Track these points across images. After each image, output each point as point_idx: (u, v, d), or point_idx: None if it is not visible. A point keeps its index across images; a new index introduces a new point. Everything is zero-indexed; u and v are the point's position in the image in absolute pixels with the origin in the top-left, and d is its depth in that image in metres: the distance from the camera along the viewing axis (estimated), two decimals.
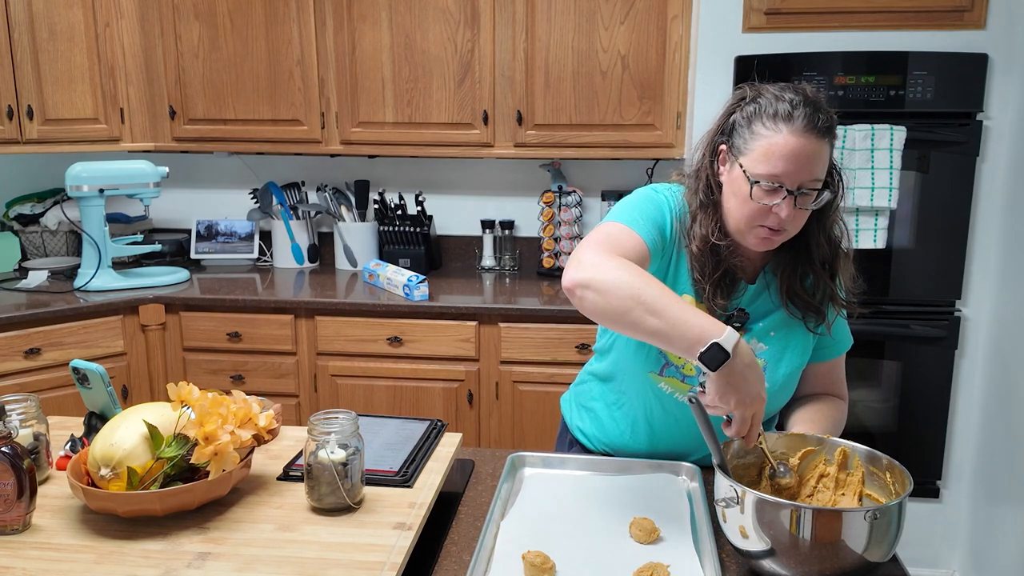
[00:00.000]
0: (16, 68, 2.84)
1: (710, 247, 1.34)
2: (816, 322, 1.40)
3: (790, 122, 1.24)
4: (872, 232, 2.52)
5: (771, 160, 1.25)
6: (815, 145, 1.24)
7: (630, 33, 2.81)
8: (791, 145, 1.24)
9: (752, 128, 1.28)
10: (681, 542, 1.21)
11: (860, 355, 2.73)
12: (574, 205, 3.15)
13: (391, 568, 1.08)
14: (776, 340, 1.41)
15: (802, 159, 1.24)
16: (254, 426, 1.29)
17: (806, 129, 1.24)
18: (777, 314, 1.41)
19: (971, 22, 2.46)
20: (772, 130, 1.25)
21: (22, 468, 1.16)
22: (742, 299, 1.41)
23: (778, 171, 1.25)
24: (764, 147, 1.26)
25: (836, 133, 1.29)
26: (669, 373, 1.41)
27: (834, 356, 1.50)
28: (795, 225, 1.30)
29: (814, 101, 1.26)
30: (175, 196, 3.47)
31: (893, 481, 1.17)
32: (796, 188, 1.25)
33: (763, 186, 1.26)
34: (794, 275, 1.38)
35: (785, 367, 1.41)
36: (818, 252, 1.37)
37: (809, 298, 1.39)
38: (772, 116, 1.26)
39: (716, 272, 1.35)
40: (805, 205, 1.28)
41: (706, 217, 1.35)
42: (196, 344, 2.90)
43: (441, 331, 2.78)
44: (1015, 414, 2.47)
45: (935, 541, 2.79)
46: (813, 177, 1.26)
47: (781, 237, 1.31)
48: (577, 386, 1.66)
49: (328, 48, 2.96)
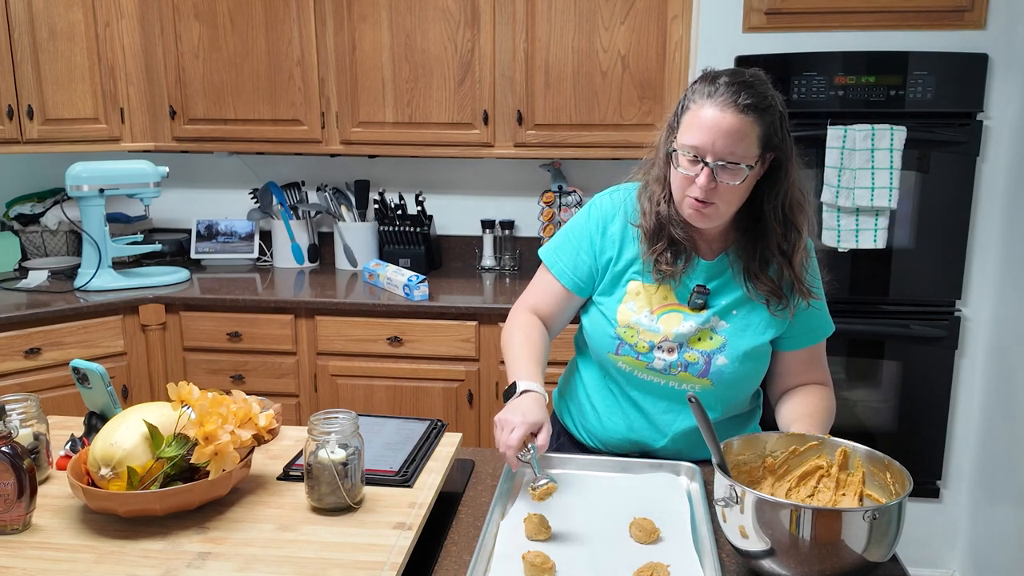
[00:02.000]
0: (16, 68, 2.84)
1: (656, 216, 1.45)
2: (779, 306, 1.46)
3: (712, 97, 1.32)
4: (872, 232, 2.52)
5: (691, 131, 1.34)
6: (733, 119, 1.31)
7: (630, 33, 2.81)
8: (708, 117, 1.32)
9: (685, 104, 1.38)
10: (681, 542, 1.21)
11: (860, 355, 2.77)
12: (574, 205, 3.15)
13: (391, 568, 1.08)
14: (737, 318, 1.47)
15: (717, 131, 1.31)
16: (254, 426, 1.29)
17: (726, 104, 1.31)
18: (740, 292, 1.47)
19: (971, 22, 2.46)
20: (697, 105, 1.34)
21: (22, 468, 1.16)
22: (699, 275, 1.48)
23: (696, 142, 1.33)
24: (688, 118, 1.36)
25: (767, 112, 1.33)
26: (624, 352, 1.49)
27: (813, 343, 1.53)
28: (724, 201, 1.37)
29: (746, 81, 1.33)
30: (175, 196, 3.47)
31: (893, 481, 1.17)
32: (714, 160, 1.32)
33: (683, 155, 1.36)
34: (752, 258, 1.45)
35: (746, 343, 1.46)
36: (773, 236, 1.43)
37: (771, 283, 1.44)
38: (700, 93, 1.35)
39: (659, 241, 1.45)
40: (723, 179, 1.34)
41: (657, 187, 1.47)
42: (196, 344, 2.90)
43: (441, 331, 2.78)
44: (1015, 414, 2.47)
45: (935, 541, 2.79)
46: (730, 151, 1.32)
47: (710, 210, 1.37)
48: (563, 376, 1.74)
49: (328, 48, 2.96)
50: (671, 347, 1.46)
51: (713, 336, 1.46)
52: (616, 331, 1.49)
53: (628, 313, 1.49)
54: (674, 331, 1.46)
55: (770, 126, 1.34)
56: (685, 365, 1.46)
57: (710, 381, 1.47)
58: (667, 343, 1.46)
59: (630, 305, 1.49)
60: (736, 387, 1.49)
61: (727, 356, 1.45)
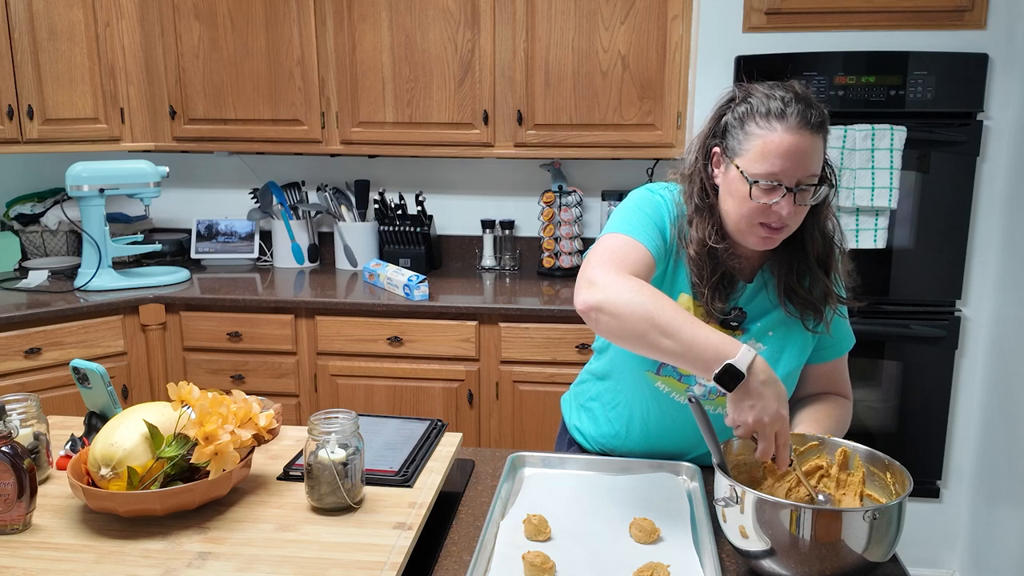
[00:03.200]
0: (16, 68, 2.84)
1: (707, 250, 1.34)
2: (815, 321, 1.40)
3: (783, 119, 1.25)
4: (872, 232, 2.52)
5: (768, 159, 1.25)
6: (810, 141, 1.25)
7: (630, 33, 2.81)
8: (787, 142, 1.24)
9: (745, 128, 1.28)
10: (681, 542, 1.21)
11: (860, 355, 2.73)
12: (574, 205, 3.15)
13: (391, 568, 1.08)
14: (774, 340, 1.41)
15: (799, 155, 1.25)
16: (254, 426, 1.28)
17: (800, 126, 1.24)
18: (775, 313, 1.41)
19: (971, 22, 2.46)
20: (766, 129, 1.26)
21: (22, 468, 1.16)
22: (740, 299, 1.41)
23: (776, 169, 1.25)
24: (760, 146, 1.26)
25: (828, 128, 1.29)
26: (666, 372, 1.41)
27: (836, 356, 1.50)
28: (795, 221, 1.31)
29: (805, 97, 1.27)
30: (175, 196, 3.47)
31: (893, 481, 1.17)
32: (795, 185, 1.26)
33: (762, 185, 1.26)
34: (791, 273, 1.39)
35: (783, 367, 1.41)
36: (813, 248, 1.38)
37: (807, 295, 1.39)
38: (765, 115, 1.26)
39: (714, 276, 1.35)
40: (804, 201, 1.28)
41: (702, 221, 1.35)
42: (196, 344, 2.90)
43: (441, 331, 2.78)
44: (1015, 414, 2.47)
45: (935, 541, 2.79)
46: (810, 172, 1.27)
47: (781, 235, 1.31)
48: (577, 385, 1.66)
49: (328, 48, 2.96)
50: None
51: None
52: None
53: None
54: None
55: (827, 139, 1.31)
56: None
57: None
58: None
59: None
60: None
61: None
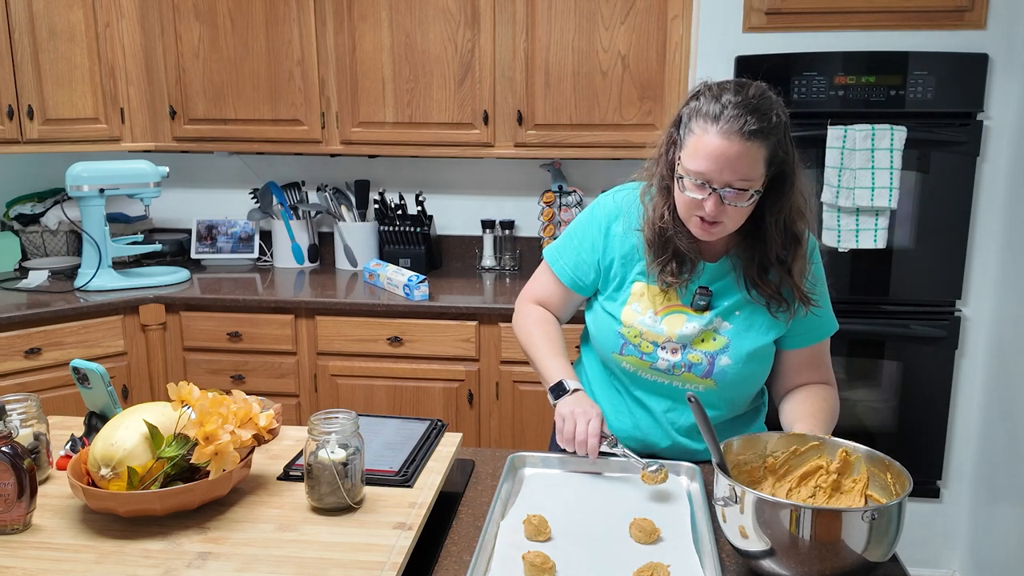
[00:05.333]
0: (16, 68, 2.84)
1: (658, 229, 1.44)
2: (779, 308, 1.46)
3: (716, 123, 1.30)
4: (872, 232, 2.52)
5: (697, 158, 1.32)
6: (739, 147, 1.29)
7: (630, 33, 2.81)
8: (713, 145, 1.30)
9: (690, 124, 1.34)
10: (681, 542, 1.21)
11: (860, 355, 2.76)
12: (574, 205, 3.15)
13: (391, 568, 1.08)
14: (740, 319, 1.47)
15: (724, 160, 1.30)
16: (254, 426, 1.29)
17: (730, 132, 1.29)
18: (742, 294, 1.47)
19: (971, 22, 2.46)
20: (702, 129, 1.32)
21: (22, 468, 1.16)
22: (703, 278, 1.47)
23: (702, 169, 1.31)
24: (693, 144, 1.33)
25: (770, 136, 1.31)
26: (628, 352, 1.49)
27: (816, 341, 1.53)
28: (731, 219, 1.36)
29: (749, 103, 1.30)
30: (175, 196, 3.47)
31: (893, 481, 1.17)
32: (722, 186, 1.31)
33: (689, 181, 1.34)
34: (751, 264, 1.44)
35: (749, 343, 1.46)
36: (772, 245, 1.42)
37: (770, 288, 1.44)
38: (704, 115, 1.32)
39: (664, 253, 1.45)
40: (733, 203, 1.33)
41: (660, 200, 1.45)
42: (196, 344, 2.90)
43: (441, 331, 2.78)
44: (1015, 414, 2.47)
45: (935, 541, 2.79)
46: (739, 177, 1.31)
47: (718, 228, 1.38)
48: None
49: (328, 48, 2.96)
50: (675, 348, 1.46)
51: (716, 337, 1.46)
52: (620, 331, 1.50)
53: (632, 314, 1.49)
54: (677, 332, 1.46)
55: (776, 144, 1.33)
56: (689, 366, 1.47)
57: (713, 382, 1.47)
58: (671, 344, 1.46)
59: (634, 306, 1.49)
60: (739, 387, 1.50)
61: (731, 357, 1.46)
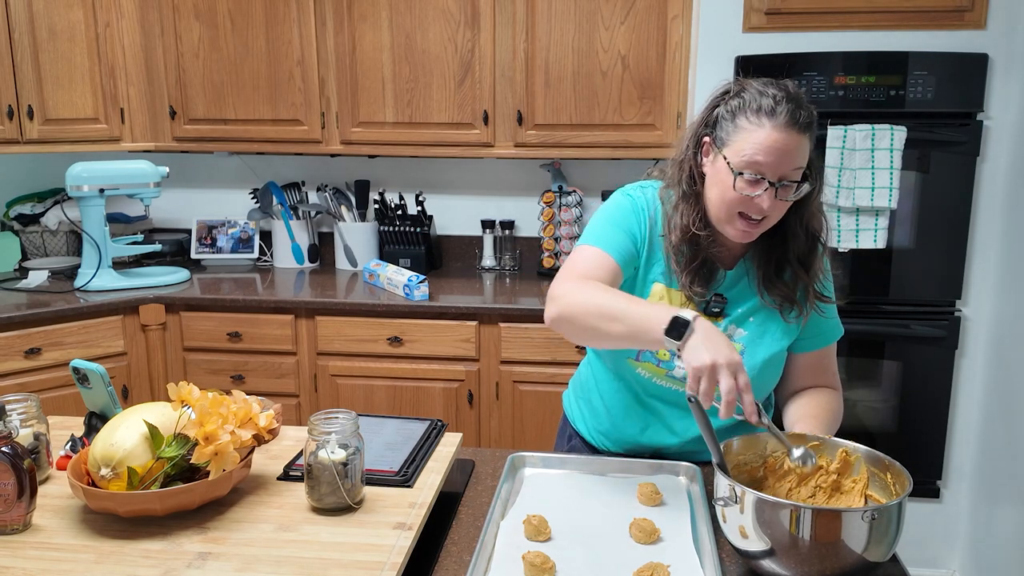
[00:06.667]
0: (16, 68, 2.84)
1: (689, 237, 1.39)
2: (792, 313, 1.44)
3: (773, 117, 1.29)
4: (872, 232, 2.52)
5: (754, 153, 1.30)
6: (796, 139, 1.29)
7: (630, 33, 2.81)
8: (773, 139, 1.28)
9: (736, 122, 1.32)
10: (681, 542, 1.21)
11: (860, 355, 2.76)
12: (574, 205, 3.15)
13: (391, 568, 1.08)
14: (755, 325, 1.44)
15: (783, 152, 1.29)
16: (254, 426, 1.29)
17: (788, 124, 1.28)
18: (756, 300, 1.45)
19: (971, 22, 2.46)
20: (756, 124, 1.30)
21: (22, 468, 1.16)
22: (720, 285, 1.45)
23: (760, 162, 1.29)
24: (747, 140, 1.30)
25: (815, 128, 1.33)
26: (645, 358, 1.46)
27: (823, 346, 1.51)
28: (775, 215, 1.35)
29: (796, 97, 1.31)
30: (175, 196, 3.47)
31: (893, 481, 1.17)
32: (777, 180, 1.30)
33: (746, 177, 1.31)
34: (770, 265, 1.42)
35: (764, 351, 1.44)
36: (795, 245, 1.41)
37: (785, 289, 1.42)
38: (756, 111, 1.30)
39: (694, 262, 1.40)
40: (785, 196, 1.32)
41: (688, 207, 1.40)
42: (196, 344, 2.90)
43: (441, 331, 2.78)
44: (1015, 414, 2.47)
45: (935, 541, 2.79)
46: (794, 167, 1.31)
47: (760, 227, 1.35)
48: (575, 378, 1.70)
49: (328, 48, 2.96)
50: None
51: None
52: None
53: None
54: None
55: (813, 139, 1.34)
56: None
57: None
58: None
59: None
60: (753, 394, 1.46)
61: (746, 364, 1.38)
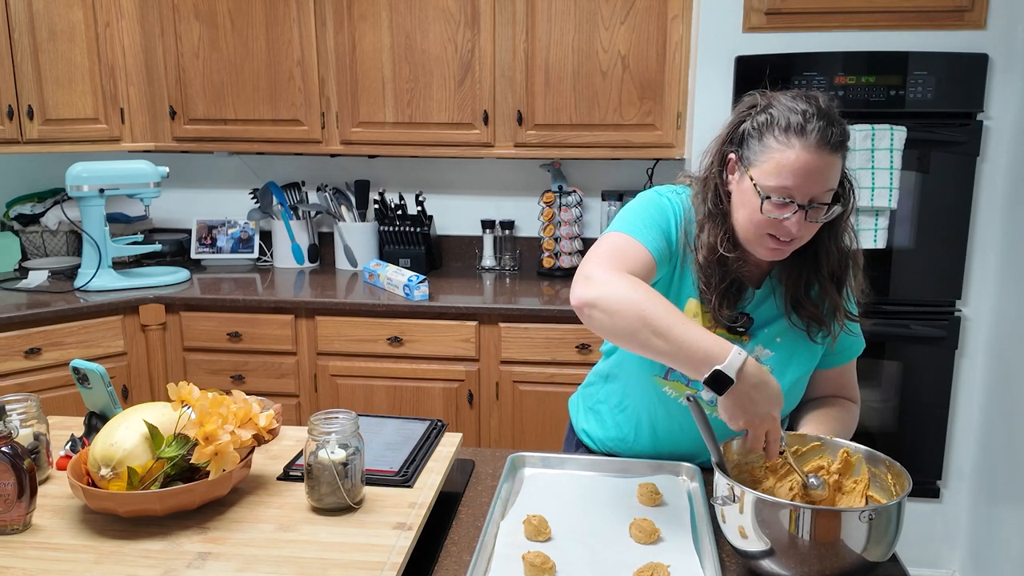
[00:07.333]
0: (16, 68, 2.84)
1: (718, 258, 1.32)
2: (820, 333, 1.38)
3: (803, 136, 1.21)
4: (872, 232, 2.52)
5: (782, 175, 1.22)
6: (827, 160, 1.21)
7: (630, 33, 2.81)
8: (803, 160, 1.21)
9: (763, 140, 1.25)
10: (681, 542, 1.21)
11: (860, 355, 2.76)
12: (574, 205, 3.15)
13: (391, 568, 1.08)
14: (782, 346, 1.39)
15: (814, 174, 1.21)
16: (254, 426, 1.29)
17: (819, 144, 1.20)
18: (783, 320, 1.39)
19: (971, 22, 2.46)
20: (784, 144, 1.22)
21: (22, 468, 1.16)
22: (747, 304, 1.39)
23: (790, 185, 1.22)
24: (775, 161, 1.23)
25: (848, 146, 1.25)
26: (674, 377, 1.40)
27: (845, 362, 1.48)
28: (806, 235, 1.28)
29: (827, 113, 1.23)
30: (175, 196, 3.47)
31: (893, 481, 1.17)
32: (807, 202, 1.23)
33: (774, 200, 1.23)
34: (799, 283, 1.36)
35: (791, 373, 1.39)
36: (827, 261, 1.34)
37: (813, 309, 1.36)
38: (784, 129, 1.22)
39: (723, 283, 1.33)
40: (816, 218, 1.25)
41: (714, 227, 1.32)
42: (196, 344, 2.90)
43: (441, 331, 2.78)
44: (1015, 414, 2.47)
45: (935, 541, 2.79)
46: (825, 189, 1.24)
47: (791, 247, 1.29)
48: (585, 387, 1.65)
49: (328, 48, 2.96)
50: None
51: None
52: None
53: None
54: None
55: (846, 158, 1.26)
56: None
57: None
58: None
59: None
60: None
61: None
